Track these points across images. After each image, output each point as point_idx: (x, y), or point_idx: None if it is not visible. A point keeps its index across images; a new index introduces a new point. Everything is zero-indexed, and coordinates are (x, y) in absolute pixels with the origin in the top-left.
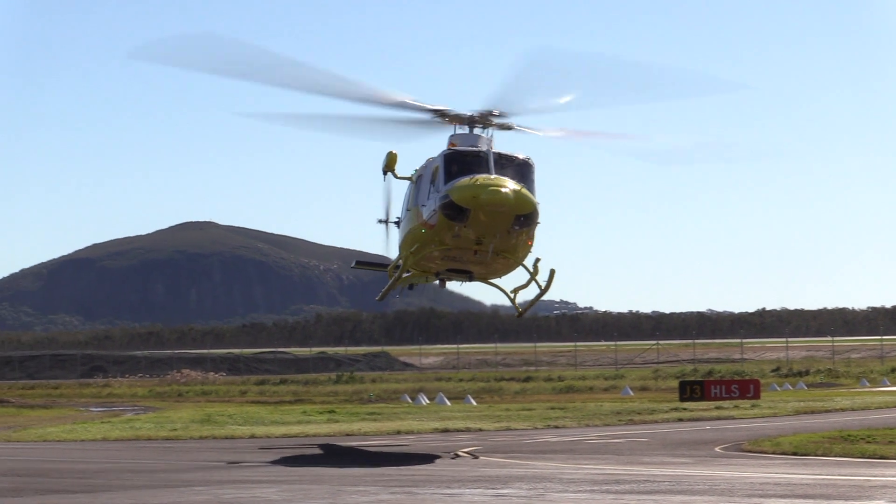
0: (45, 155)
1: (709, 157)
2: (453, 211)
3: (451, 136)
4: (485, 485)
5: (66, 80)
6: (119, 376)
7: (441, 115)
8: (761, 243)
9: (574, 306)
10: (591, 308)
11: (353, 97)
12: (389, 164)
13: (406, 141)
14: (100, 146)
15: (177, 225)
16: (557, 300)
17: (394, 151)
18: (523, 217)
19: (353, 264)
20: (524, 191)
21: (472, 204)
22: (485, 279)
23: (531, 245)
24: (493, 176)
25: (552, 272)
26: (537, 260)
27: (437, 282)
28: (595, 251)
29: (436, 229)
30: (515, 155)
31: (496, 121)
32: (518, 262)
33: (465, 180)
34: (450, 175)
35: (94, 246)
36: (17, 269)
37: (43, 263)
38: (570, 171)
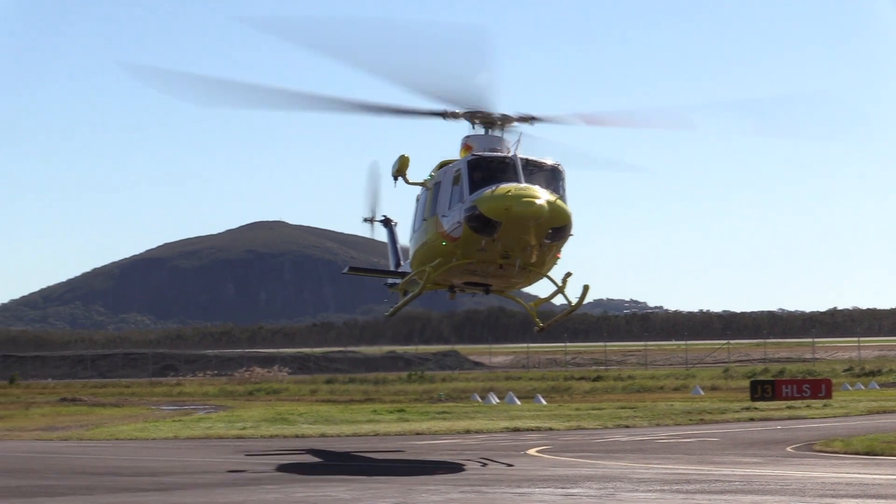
0: (117, 155)
1: (752, 128)
2: (481, 224)
3: (467, 137)
4: (555, 484)
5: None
6: (190, 375)
7: (451, 115)
8: (834, 242)
9: (644, 305)
10: (661, 307)
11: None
12: (401, 169)
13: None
14: (171, 146)
15: (247, 224)
16: (627, 299)
17: (406, 155)
18: (557, 230)
19: (345, 270)
20: (559, 202)
21: (504, 216)
22: (502, 292)
23: (559, 258)
24: (523, 185)
25: (586, 288)
26: (568, 275)
27: (448, 291)
28: (666, 250)
29: (459, 243)
30: (544, 161)
31: (514, 115)
32: (543, 275)
33: (494, 190)
34: (474, 183)
35: (166, 245)
36: (89, 269)
37: (115, 263)
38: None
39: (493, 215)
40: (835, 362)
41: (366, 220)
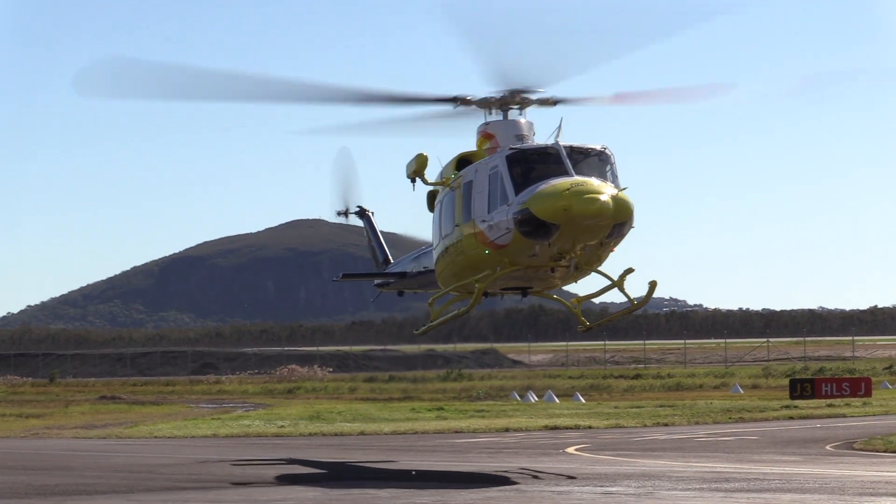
0: (157, 155)
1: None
2: (535, 227)
3: (486, 125)
4: (593, 482)
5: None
6: (229, 373)
7: (462, 102)
8: (874, 240)
9: (684, 304)
10: (700, 305)
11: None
12: (419, 169)
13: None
14: (210, 144)
15: (286, 223)
16: (667, 297)
17: (424, 154)
18: (620, 225)
19: (337, 277)
20: (622, 194)
21: (563, 218)
22: (541, 292)
23: (613, 251)
24: (578, 178)
25: (653, 285)
26: (629, 271)
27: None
28: (705, 248)
29: (507, 250)
30: (590, 146)
31: (534, 97)
32: (593, 272)
33: (545, 187)
34: (517, 181)
35: (205, 244)
36: (128, 267)
37: (154, 261)
38: (676, 162)
39: (550, 217)
40: (875, 360)
41: (339, 213)
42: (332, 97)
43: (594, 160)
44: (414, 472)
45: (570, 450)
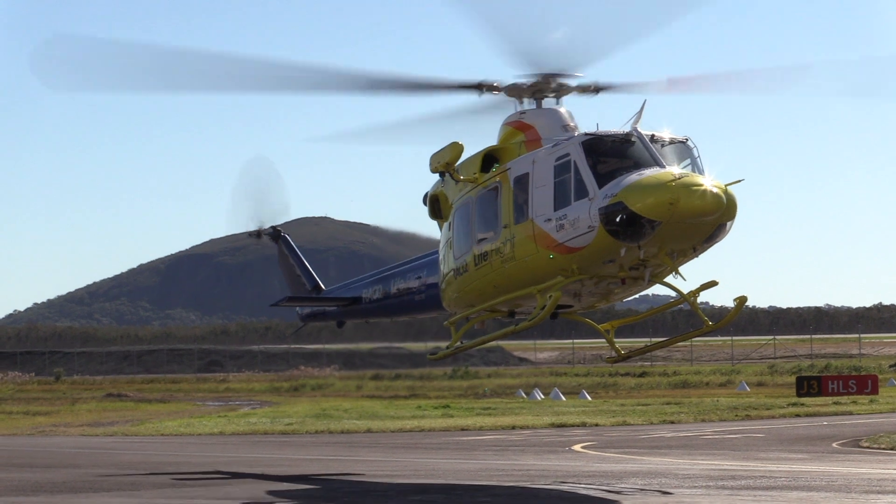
0: (161, 152)
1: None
2: (628, 225)
3: (519, 115)
4: (600, 480)
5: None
6: (235, 371)
7: (489, 88)
8: (880, 237)
9: None
10: (707, 303)
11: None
12: (453, 161)
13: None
14: (215, 141)
15: (293, 220)
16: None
17: (460, 143)
18: (722, 227)
19: (276, 303)
20: (731, 191)
21: (667, 213)
22: (572, 314)
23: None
24: (679, 170)
25: (741, 301)
26: (710, 284)
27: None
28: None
29: (583, 254)
30: (672, 135)
31: (573, 83)
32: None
33: (644, 178)
34: (598, 172)
35: (211, 241)
36: (135, 265)
37: (160, 259)
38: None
39: (650, 212)
40: (881, 358)
41: (251, 234)
42: (344, 85)
43: (678, 151)
44: None
45: (577, 447)
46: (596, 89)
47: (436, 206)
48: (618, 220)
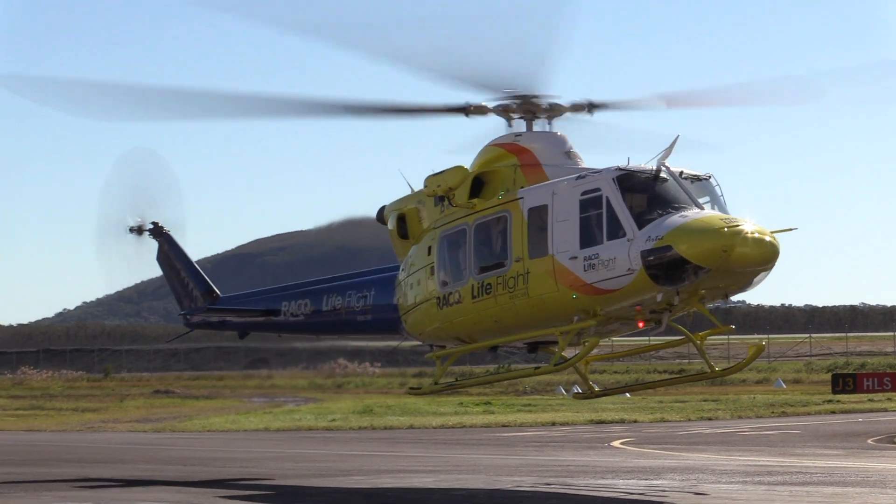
0: (209, 151)
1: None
2: (674, 270)
3: (515, 136)
4: (638, 475)
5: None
6: (280, 368)
7: (476, 110)
8: None
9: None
10: (743, 302)
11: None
12: (456, 185)
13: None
14: (263, 143)
15: (338, 221)
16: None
17: (464, 167)
18: (760, 274)
19: (192, 315)
20: (777, 238)
21: (718, 261)
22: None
23: None
24: (723, 213)
25: (758, 350)
26: (723, 330)
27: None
28: None
29: (618, 295)
30: (696, 171)
31: (566, 103)
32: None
33: (692, 222)
34: (635, 211)
35: (257, 241)
36: None
37: (207, 258)
38: (715, 158)
39: (702, 259)
40: None
41: (132, 229)
42: (330, 110)
43: (701, 188)
44: None
45: (616, 443)
46: (590, 108)
47: (402, 225)
48: (664, 264)
